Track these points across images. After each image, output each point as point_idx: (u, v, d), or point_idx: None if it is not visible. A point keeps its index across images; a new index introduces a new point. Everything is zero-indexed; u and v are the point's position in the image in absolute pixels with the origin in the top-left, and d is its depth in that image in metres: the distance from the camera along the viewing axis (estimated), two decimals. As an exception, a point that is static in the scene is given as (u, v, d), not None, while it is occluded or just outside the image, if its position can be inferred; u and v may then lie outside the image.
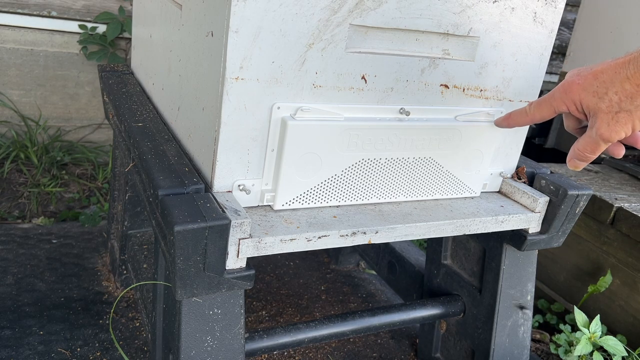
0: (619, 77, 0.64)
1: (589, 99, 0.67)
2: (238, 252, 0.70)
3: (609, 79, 0.65)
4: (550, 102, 0.72)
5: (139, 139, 0.85)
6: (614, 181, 1.63)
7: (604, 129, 0.67)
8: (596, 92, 0.66)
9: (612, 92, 0.65)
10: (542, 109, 0.74)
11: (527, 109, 0.77)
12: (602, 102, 0.66)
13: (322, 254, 1.67)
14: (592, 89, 0.66)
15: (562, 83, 0.71)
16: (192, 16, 0.79)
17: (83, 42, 1.97)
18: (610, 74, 0.65)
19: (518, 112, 0.80)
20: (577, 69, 0.72)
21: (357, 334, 1.01)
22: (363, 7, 0.72)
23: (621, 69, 0.64)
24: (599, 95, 0.66)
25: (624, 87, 0.64)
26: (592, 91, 0.66)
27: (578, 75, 0.69)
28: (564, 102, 0.71)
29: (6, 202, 1.78)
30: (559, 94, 0.71)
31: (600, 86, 0.66)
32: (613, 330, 1.43)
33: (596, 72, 0.66)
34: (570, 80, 0.70)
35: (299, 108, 0.73)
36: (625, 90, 0.64)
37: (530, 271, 1.05)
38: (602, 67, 0.66)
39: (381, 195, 0.85)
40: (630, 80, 0.63)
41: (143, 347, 1.18)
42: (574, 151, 0.74)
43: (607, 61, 0.67)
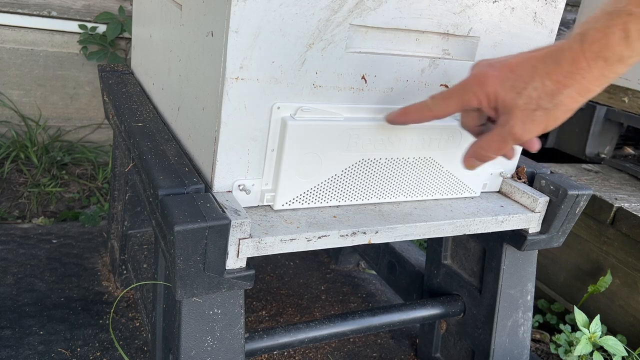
0: (539, 73, 0.59)
1: (506, 94, 0.61)
2: (238, 252, 0.70)
3: (527, 73, 0.60)
4: (461, 95, 0.65)
5: (139, 139, 0.85)
6: (614, 181, 1.63)
7: (517, 127, 0.62)
8: (514, 87, 0.60)
9: (532, 88, 0.60)
10: (450, 104, 0.67)
11: (430, 103, 0.68)
12: (520, 98, 0.60)
13: (322, 254, 1.67)
14: (510, 83, 0.61)
15: (473, 75, 0.64)
16: (192, 16, 0.79)
17: (83, 42, 1.97)
18: (527, 68, 0.60)
19: (418, 106, 0.71)
20: (485, 59, 0.65)
21: (357, 334, 1.01)
22: (363, 7, 0.72)
23: (540, 64, 0.59)
24: (517, 90, 0.60)
25: (544, 84, 0.59)
26: (509, 85, 0.61)
27: (491, 67, 0.62)
28: (476, 96, 0.64)
29: (6, 202, 1.78)
30: (471, 87, 0.64)
31: (518, 80, 0.60)
32: (613, 330, 1.43)
33: (512, 65, 0.61)
34: (483, 71, 0.63)
35: (299, 108, 0.73)
36: (546, 87, 0.59)
37: (530, 271, 1.05)
38: (517, 60, 0.61)
39: (381, 195, 0.85)
40: (550, 77, 0.58)
41: (143, 347, 1.18)
42: (475, 150, 0.68)
43: (522, 53, 0.62)
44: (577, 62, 0.57)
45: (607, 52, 0.55)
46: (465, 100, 0.65)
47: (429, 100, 0.69)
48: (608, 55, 0.55)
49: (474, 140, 0.69)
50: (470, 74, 0.66)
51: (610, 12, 0.55)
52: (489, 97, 0.63)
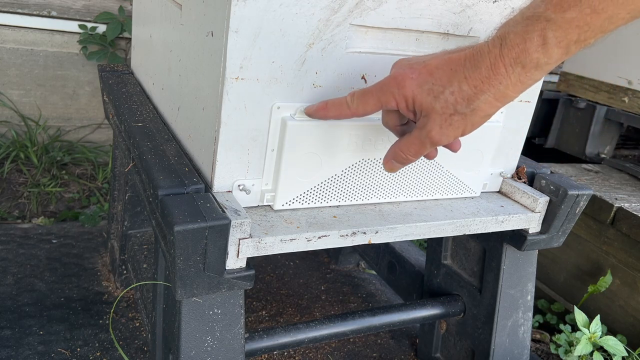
0: (457, 77, 0.58)
1: (423, 97, 0.61)
2: (238, 252, 0.70)
3: (445, 77, 0.59)
4: (378, 95, 0.64)
5: (139, 139, 0.85)
6: (614, 181, 1.63)
7: (435, 132, 0.62)
8: (432, 91, 0.60)
9: (449, 92, 0.59)
10: (368, 103, 0.66)
11: (349, 100, 0.67)
12: (437, 102, 0.60)
13: (322, 254, 1.67)
14: (428, 86, 0.60)
15: (392, 76, 0.64)
16: (192, 16, 0.79)
17: (83, 42, 1.97)
18: (446, 71, 0.59)
19: (337, 102, 0.69)
20: (406, 59, 0.65)
21: (357, 334, 1.01)
22: (363, 7, 0.72)
23: (458, 67, 0.58)
24: (434, 94, 0.60)
25: (461, 88, 0.58)
26: (427, 89, 0.60)
27: (411, 69, 0.62)
28: (394, 98, 0.63)
29: (6, 202, 1.78)
30: (390, 88, 0.63)
31: (436, 84, 0.59)
32: (613, 330, 1.43)
33: (431, 67, 0.60)
34: (402, 73, 0.62)
35: (299, 108, 0.73)
36: (463, 92, 0.58)
37: (530, 271, 1.05)
38: (437, 62, 0.60)
39: (381, 195, 0.85)
40: (468, 81, 0.58)
41: (143, 347, 1.18)
42: (394, 151, 0.68)
43: (440, 54, 0.62)
44: (496, 67, 0.56)
45: (525, 59, 0.55)
46: (383, 101, 0.65)
47: (348, 97, 0.68)
48: (526, 61, 0.55)
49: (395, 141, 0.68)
50: (390, 74, 0.65)
51: (530, 16, 0.54)
52: (407, 100, 0.63)
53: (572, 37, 0.53)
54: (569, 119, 1.98)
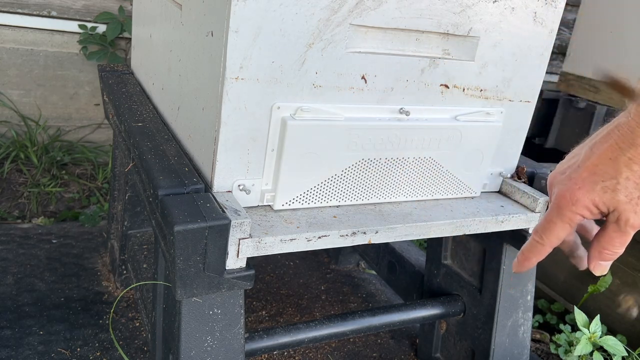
0: (620, 163, 0.57)
1: (603, 197, 0.59)
2: (238, 252, 0.70)
3: (610, 169, 0.58)
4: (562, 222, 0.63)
5: (139, 139, 0.85)
6: (614, 181, 1.62)
7: (632, 219, 0.60)
8: (606, 188, 0.59)
9: (624, 180, 0.58)
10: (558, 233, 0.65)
11: (539, 239, 0.66)
12: (619, 194, 0.59)
13: (322, 254, 1.66)
14: (599, 186, 0.59)
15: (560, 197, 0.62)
16: (192, 16, 0.79)
17: (83, 42, 1.97)
18: (607, 163, 0.58)
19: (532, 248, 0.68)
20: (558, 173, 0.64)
21: (357, 334, 1.01)
22: (363, 7, 0.72)
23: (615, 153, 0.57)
24: (611, 189, 0.58)
25: (632, 170, 0.57)
26: (600, 189, 0.59)
27: (571, 181, 0.61)
28: (577, 214, 0.62)
29: (6, 202, 1.78)
30: (567, 212, 0.62)
31: (606, 179, 0.58)
32: (613, 330, 1.43)
33: (590, 167, 0.59)
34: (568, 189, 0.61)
35: (299, 108, 0.73)
36: (636, 172, 0.57)
37: (530, 271, 1.05)
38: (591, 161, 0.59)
39: (381, 195, 0.85)
40: (634, 160, 0.57)
41: (143, 347, 1.18)
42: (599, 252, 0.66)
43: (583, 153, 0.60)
44: None
45: None
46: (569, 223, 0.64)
47: (537, 237, 0.67)
48: None
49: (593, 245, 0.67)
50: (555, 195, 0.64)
51: None
52: (590, 209, 0.61)
53: None
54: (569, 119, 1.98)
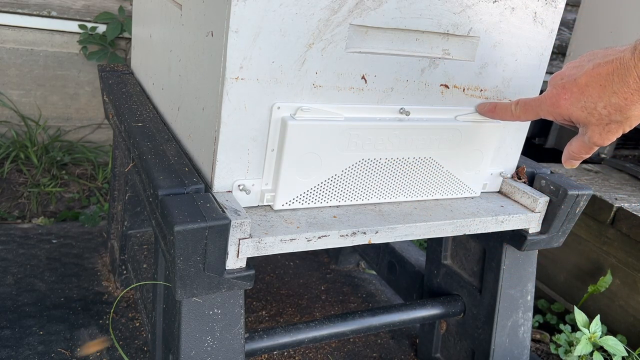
0: (607, 92, 0.65)
1: (578, 114, 0.68)
2: (238, 252, 0.70)
3: (596, 93, 0.66)
4: (537, 110, 0.74)
5: (139, 139, 0.85)
6: (614, 181, 1.63)
7: (596, 138, 0.69)
8: (585, 107, 0.67)
9: (601, 107, 0.66)
10: (528, 113, 0.76)
11: (513, 108, 0.78)
12: (592, 116, 0.67)
13: (322, 254, 1.66)
14: (580, 104, 0.67)
15: (549, 95, 0.71)
16: (192, 16, 0.79)
17: (83, 42, 1.97)
18: (596, 87, 0.66)
19: (504, 106, 0.81)
20: (560, 75, 0.72)
21: (357, 334, 1.01)
22: (363, 7, 0.72)
23: (607, 82, 0.65)
24: (587, 110, 0.67)
25: (611, 102, 0.65)
26: (580, 106, 0.68)
27: (563, 89, 0.69)
28: (550, 114, 0.72)
29: (6, 202, 1.78)
30: (546, 106, 0.72)
31: (588, 101, 0.67)
32: (613, 330, 1.43)
33: (581, 85, 0.67)
34: (556, 94, 0.70)
35: (299, 108, 0.73)
36: (614, 104, 0.65)
37: (530, 271, 1.05)
38: (586, 79, 0.67)
39: (381, 195, 0.85)
40: (618, 95, 0.64)
41: (143, 347, 1.18)
42: (569, 153, 0.76)
43: (589, 67, 0.67)
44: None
45: None
46: (541, 115, 0.74)
47: (513, 105, 0.78)
48: None
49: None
50: (547, 91, 0.73)
51: None
52: (563, 117, 0.71)
53: None
54: (569, 119, 1.98)
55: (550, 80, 0.73)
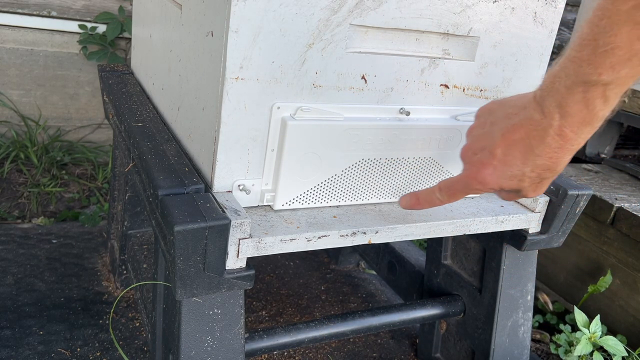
0: (530, 157, 0.61)
1: (509, 184, 0.65)
2: (238, 252, 0.70)
3: (519, 161, 0.62)
4: (465, 190, 0.70)
5: (139, 139, 0.85)
6: (614, 181, 1.63)
7: (531, 194, 0.67)
8: (513, 177, 0.64)
9: (529, 171, 0.63)
10: (457, 195, 0.72)
11: (438, 194, 0.74)
12: (523, 182, 0.64)
13: (322, 254, 1.66)
14: (507, 175, 0.64)
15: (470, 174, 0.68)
16: (192, 16, 0.79)
17: (83, 42, 1.97)
18: (517, 155, 0.62)
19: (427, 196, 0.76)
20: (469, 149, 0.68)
21: (357, 334, 1.01)
22: (363, 7, 0.72)
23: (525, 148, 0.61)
24: (517, 178, 0.64)
25: (537, 164, 0.62)
26: (508, 177, 0.64)
27: (483, 165, 0.65)
28: (481, 191, 0.69)
29: (6, 202, 1.78)
30: (474, 185, 0.68)
31: (514, 170, 0.63)
32: (613, 330, 1.43)
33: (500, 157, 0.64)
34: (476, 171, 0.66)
35: (299, 108, 0.73)
36: (541, 166, 0.62)
37: (530, 271, 1.05)
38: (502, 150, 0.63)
39: (381, 195, 0.85)
40: (542, 157, 0.61)
41: (143, 347, 1.18)
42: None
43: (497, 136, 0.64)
44: (563, 136, 0.59)
45: (592, 119, 0.58)
46: (472, 193, 0.71)
47: (437, 192, 0.74)
48: (593, 121, 0.58)
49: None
50: (465, 170, 0.69)
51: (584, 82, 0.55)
52: (495, 189, 0.68)
53: (629, 84, 0.56)
54: (569, 119, 1.97)
55: (462, 157, 0.70)
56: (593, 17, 0.54)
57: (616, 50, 0.52)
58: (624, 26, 0.51)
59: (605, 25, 0.52)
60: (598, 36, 0.53)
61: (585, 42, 0.54)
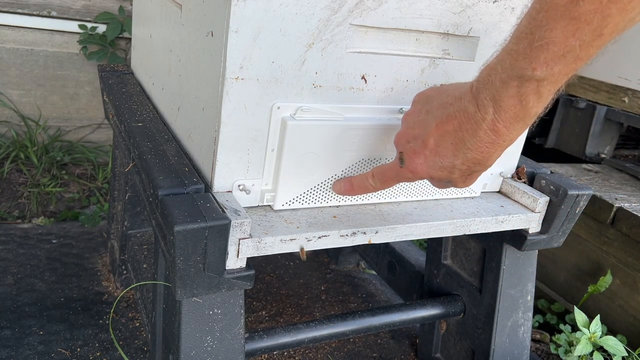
0: (461, 150, 0.61)
1: (439, 174, 0.65)
2: (238, 252, 0.70)
3: (450, 152, 0.62)
4: (397, 178, 0.71)
5: (139, 139, 0.85)
6: (614, 181, 1.63)
7: (460, 185, 0.67)
8: (443, 167, 0.64)
9: (459, 163, 0.62)
10: (389, 182, 0.73)
11: (371, 181, 0.74)
12: (453, 174, 0.64)
13: (322, 254, 1.67)
14: (438, 165, 0.64)
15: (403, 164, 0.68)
16: (192, 16, 0.79)
17: (83, 42, 1.97)
18: (448, 146, 0.62)
19: (360, 182, 0.76)
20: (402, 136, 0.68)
21: (357, 334, 1.01)
22: (363, 7, 0.72)
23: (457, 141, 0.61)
24: (447, 169, 0.64)
25: (467, 157, 0.61)
26: (438, 167, 0.64)
27: (415, 153, 0.65)
28: (412, 179, 0.69)
29: (6, 202, 1.78)
30: (405, 174, 0.68)
31: (444, 161, 0.63)
32: (613, 330, 1.43)
33: (431, 147, 0.63)
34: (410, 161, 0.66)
35: (299, 108, 0.73)
36: (471, 159, 0.61)
37: (530, 271, 1.05)
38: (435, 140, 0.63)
39: (381, 195, 0.85)
40: (473, 151, 0.60)
41: (143, 347, 1.18)
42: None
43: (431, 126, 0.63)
44: (496, 130, 0.58)
45: (525, 115, 0.57)
46: (403, 181, 0.72)
47: (370, 179, 0.74)
48: (526, 116, 0.57)
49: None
50: (397, 157, 0.69)
51: (518, 77, 0.54)
52: (425, 178, 0.68)
53: (562, 82, 0.55)
54: (569, 119, 1.98)
55: (396, 144, 0.70)
56: (531, 9, 0.53)
57: (550, 45, 0.51)
58: (560, 21, 0.50)
59: (542, 19, 0.51)
60: (534, 29, 0.52)
61: (523, 35, 0.53)
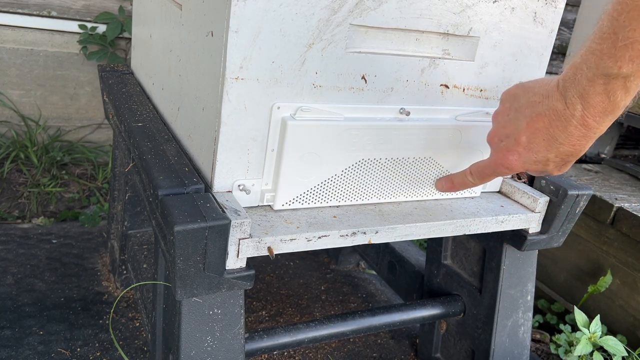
0: (553, 145, 0.64)
1: (534, 167, 0.69)
2: (238, 252, 0.70)
3: (543, 148, 0.66)
4: (494, 173, 0.75)
5: (139, 139, 0.85)
6: (614, 181, 1.63)
7: (556, 173, 0.70)
8: (537, 161, 0.67)
9: (553, 157, 0.66)
10: (487, 178, 0.77)
11: (470, 178, 0.79)
12: (547, 166, 0.68)
13: (322, 254, 1.66)
14: (532, 160, 0.68)
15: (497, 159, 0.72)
16: (192, 16, 0.79)
17: (83, 42, 1.97)
18: (541, 142, 0.65)
19: (460, 179, 0.82)
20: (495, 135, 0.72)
21: (357, 334, 1.01)
22: (363, 7, 0.72)
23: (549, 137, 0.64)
24: (542, 163, 0.67)
25: (560, 151, 0.65)
26: (533, 162, 0.68)
27: (509, 151, 0.69)
28: (508, 174, 0.73)
29: (6, 202, 1.78)
30: (502, 170, 0.72)
31: (538, 157, 0.67)
32: (613, 330, 1.43)
33: (524, 144, 0.67)
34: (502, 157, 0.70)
35: (299, 108, 0.73)
36: (564, 152, 0.65)
37: (530, 271, 1.05)
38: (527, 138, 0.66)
39: (381, 195, 0.85)
40: (565, 145, 0.64)
41: (143, 347, 1.18)
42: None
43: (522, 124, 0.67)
44: (586, 125, 0.61)
45: (614, 109, 0.60)
46: (500, 176, 0.77)
47: (468, 175, 0.79)
48: (615, 110, 0.60)
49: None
50: (492, 156, 0.74)
51: (605, 75, 0.57)
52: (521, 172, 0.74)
53: None
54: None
55: (490, 142, 0.74)
56: (612, 10, 0.56)
57: (635, 44, 0.54)
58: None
59: (625, 20, 0.54)
60: (618, 30, 0.55)
61: (606, 35, 0.56)
